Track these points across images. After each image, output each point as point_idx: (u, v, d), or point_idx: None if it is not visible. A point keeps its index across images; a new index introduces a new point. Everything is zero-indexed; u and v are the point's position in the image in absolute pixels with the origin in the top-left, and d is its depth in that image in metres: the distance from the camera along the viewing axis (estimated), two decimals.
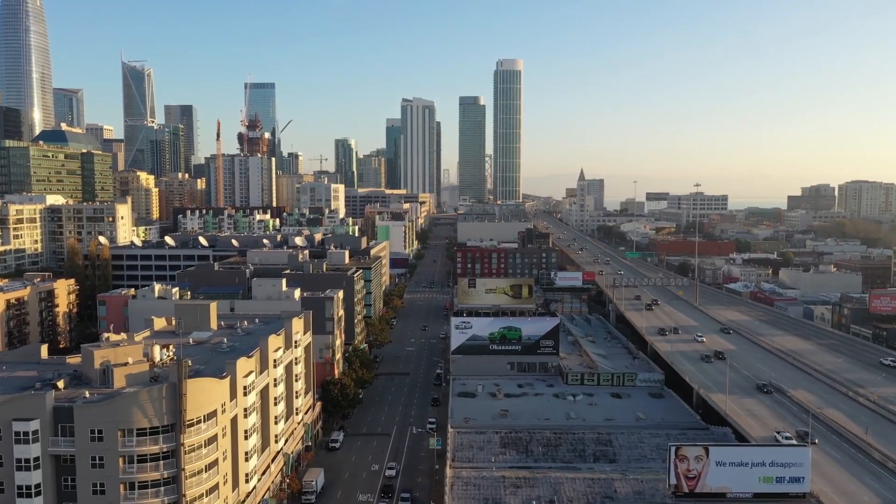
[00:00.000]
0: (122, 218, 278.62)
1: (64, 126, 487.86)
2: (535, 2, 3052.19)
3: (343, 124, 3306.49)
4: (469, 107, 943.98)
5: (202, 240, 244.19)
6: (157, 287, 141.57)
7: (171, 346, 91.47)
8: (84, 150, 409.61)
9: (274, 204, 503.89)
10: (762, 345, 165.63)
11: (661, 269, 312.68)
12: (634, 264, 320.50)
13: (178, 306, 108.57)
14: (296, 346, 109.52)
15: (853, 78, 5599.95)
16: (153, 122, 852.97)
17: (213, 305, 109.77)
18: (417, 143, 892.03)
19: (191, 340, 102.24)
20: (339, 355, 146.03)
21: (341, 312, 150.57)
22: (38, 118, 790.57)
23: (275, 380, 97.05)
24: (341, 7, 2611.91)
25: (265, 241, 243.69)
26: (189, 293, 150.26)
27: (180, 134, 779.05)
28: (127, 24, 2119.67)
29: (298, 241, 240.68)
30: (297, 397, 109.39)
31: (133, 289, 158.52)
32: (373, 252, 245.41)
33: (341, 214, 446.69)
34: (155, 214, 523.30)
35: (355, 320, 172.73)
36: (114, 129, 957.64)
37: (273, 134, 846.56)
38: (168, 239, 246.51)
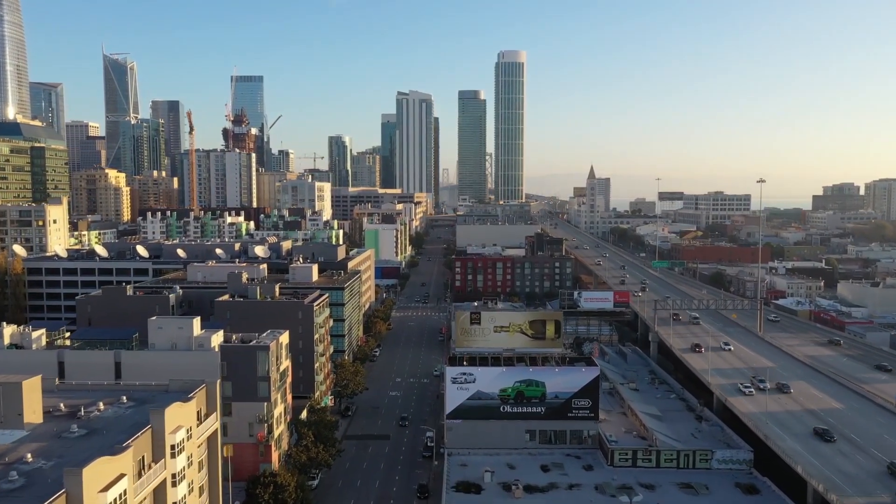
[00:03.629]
0: (54, 222, 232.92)
1: (20, 118, 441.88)
2: None
3: (337, 121, 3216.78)
4: (469, 101, 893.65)
5: (141, 249, 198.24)
6: (9, 330, 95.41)
7: None
8: (35, 145, 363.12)
9: (254, 204, 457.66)
10: (878, 402, 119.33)
11: (694, 282, 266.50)
12: (663, 275, 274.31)
13: None
14: (176, 454, 63.53)
15: (848, 77, 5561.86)
16: (136, 117, 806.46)
17: (31, 383, 63.77)
18: (414, 139, 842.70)
19: None
20: (280, 428, 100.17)
21: (286, 363, 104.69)
22: (13, 113, 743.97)
23: None
24: None
25: (218, 251, 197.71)
26: (67, 336, 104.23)
27: (160, 129, 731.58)
28: (111, 16, 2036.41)
29: (259, 251, 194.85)
30: None
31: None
32: (352, 264, 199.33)
33: (326, 216, 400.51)
34: (126, 216, 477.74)
35: (316, 364, 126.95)
36: (99, 126, 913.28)
37: (261, 130, 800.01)
38: (99, 249, 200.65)
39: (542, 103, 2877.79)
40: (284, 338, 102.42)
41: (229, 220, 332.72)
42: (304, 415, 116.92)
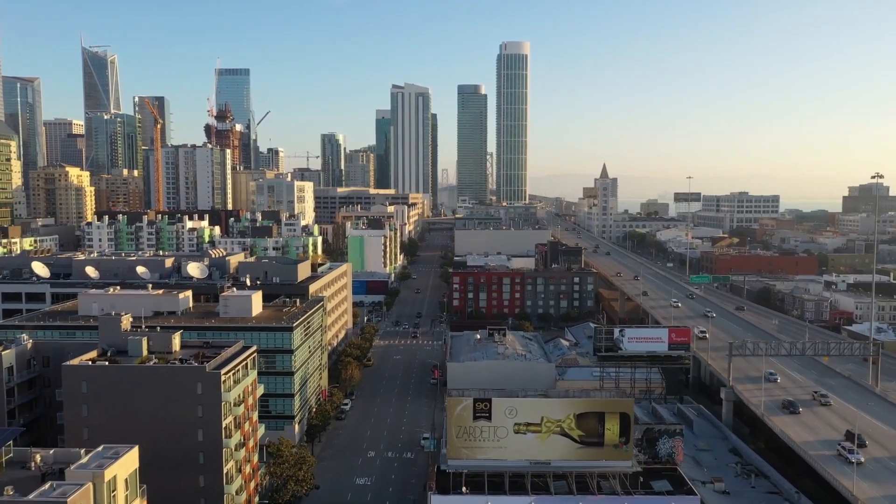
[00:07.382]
0: None
1: None
2: None
3: (330, 117, 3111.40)
4: (469, 96, 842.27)
5: (38, 267, 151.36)
6: None
7: None
8: None
9: (229, 206, 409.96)
10: None
11: (747, 303, 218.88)
12: (706, 294, 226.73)
13: None
14: None
15: (852, 76, 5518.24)
16: (114, 113, 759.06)
17: None
18: (410, 136, 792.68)
19: None
20: None
21: None
22: None
23: None
24: None
25: (141, 269, 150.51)
26: None
27: (137, 125, 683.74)
28: (91, 7, 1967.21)
29: (192, 269, 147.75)
30: None
31: None
32: (317, 286, 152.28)
33: (307, 220, 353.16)
34: (88, 219, 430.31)
35: (227, 465, 79.82)
36: (83, 123, 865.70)
37: (248, 127, 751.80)
38: None
39: (543, 100, 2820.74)
40: (127, 462, 54.95)
41: (190, 224, 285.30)
42: None
